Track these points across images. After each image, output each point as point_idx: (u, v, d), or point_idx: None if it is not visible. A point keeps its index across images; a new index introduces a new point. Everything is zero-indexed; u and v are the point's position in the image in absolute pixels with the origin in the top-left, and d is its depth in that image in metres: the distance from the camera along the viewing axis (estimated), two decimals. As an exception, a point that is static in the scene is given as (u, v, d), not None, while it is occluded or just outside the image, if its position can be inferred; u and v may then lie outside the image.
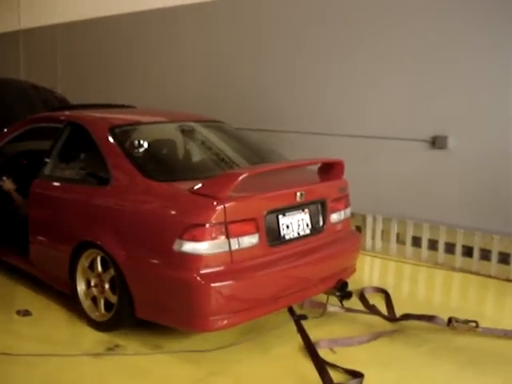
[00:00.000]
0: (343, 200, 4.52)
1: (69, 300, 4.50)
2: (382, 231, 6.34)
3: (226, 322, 3.66)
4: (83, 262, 4.25)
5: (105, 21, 9.18)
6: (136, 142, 4.31)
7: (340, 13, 6.46)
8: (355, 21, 6.34)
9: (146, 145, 4.34)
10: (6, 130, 5.37)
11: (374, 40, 6.21)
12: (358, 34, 6.33)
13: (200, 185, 3.73)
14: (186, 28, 7.99)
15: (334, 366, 3.63)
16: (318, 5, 6.63)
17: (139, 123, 4.97)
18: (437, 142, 5.89)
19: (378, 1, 6.16)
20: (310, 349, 3.81)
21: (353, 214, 4.96)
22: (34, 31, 10.84)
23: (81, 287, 4.30)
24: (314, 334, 4.00)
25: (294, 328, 4.11)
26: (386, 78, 6.17)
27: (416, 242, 6.11)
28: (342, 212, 4.49)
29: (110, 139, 4.31)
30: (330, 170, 4.49)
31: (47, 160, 4.74)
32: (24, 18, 11.09)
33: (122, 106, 5.84)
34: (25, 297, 4.86)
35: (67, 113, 5.15)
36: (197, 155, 4.91)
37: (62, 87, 9.00)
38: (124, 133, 4.52)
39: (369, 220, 6.39)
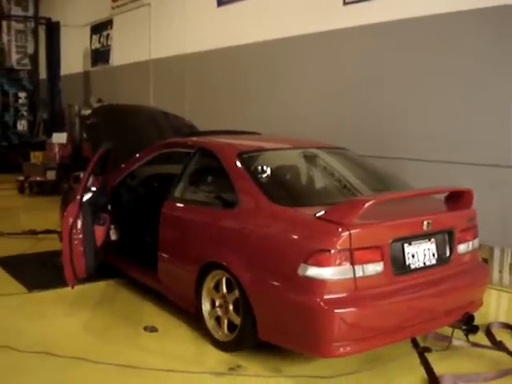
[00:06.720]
0: (471, 231, 4.38)
1: (193, 318, 4.64)
2: (511, 264, 6.05)
3: (348, 348, 3.64)
4: (209, 283, 4.38)
5: (230, 50, 9.51)
6: (262, 168, 4.43)
7: (465, 37, 6.30)
8: (483, 47, 6.15)
9: (271, 170, 4.45)
10: (138, 154, 5.66)
11: (502, 66, 5.98)
12: (488, 60, 6.12)
13: (326, 210, 3.76)
14: (310, 56, 8.11)
15: (458, 401, 3.51)
16: (444, 30, 6.50)
17: (265, 149, 5.11)
18: None
19: None
20: (434, 383, 3.71)
21: (480, 246, 4.77)
22: (162, 61, 11.44)
23: (206, 307, 4.43)
24: (437, 368, 3.90)
25: (417, 360, 4.04)
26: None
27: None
28: (470, 243, 4.35)
29: (238, 164, 4.46)
30: (458, 199, 4.37)
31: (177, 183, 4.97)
32: (154, 49, 11.76)
33: (248, 133, 5.99)
34: (152, 313, 5.06)
35: (196, 139, 5.39)
36: (320, 181, 4.96)
37: (190, 113, 9.38)
38: (251, 158, 4.67)
39: (496, 252, 6.11)
